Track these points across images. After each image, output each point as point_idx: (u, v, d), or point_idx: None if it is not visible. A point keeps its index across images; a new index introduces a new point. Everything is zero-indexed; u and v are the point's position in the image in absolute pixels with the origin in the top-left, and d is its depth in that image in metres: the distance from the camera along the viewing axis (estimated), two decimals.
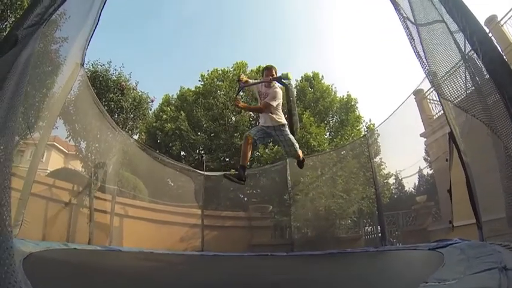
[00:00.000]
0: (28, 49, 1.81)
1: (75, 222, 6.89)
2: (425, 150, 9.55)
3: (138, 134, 13.49)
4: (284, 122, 4.60)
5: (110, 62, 10.06)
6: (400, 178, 9.83)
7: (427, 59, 2.42)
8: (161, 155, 10.84)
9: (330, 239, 9.23)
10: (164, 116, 16.17)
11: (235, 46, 38.53)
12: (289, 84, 4.50)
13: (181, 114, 15.86)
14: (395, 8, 2.86)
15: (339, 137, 15.60)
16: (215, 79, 17.06)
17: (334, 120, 16.96)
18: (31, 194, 4.85)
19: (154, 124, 16.24)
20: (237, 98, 5.06)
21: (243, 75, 5.52)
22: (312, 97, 16.30)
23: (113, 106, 9.52)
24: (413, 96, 7.63)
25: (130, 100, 9.93)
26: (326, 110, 16.47)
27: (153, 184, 9.99)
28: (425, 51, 2.48)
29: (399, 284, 2.67)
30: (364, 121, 16.81)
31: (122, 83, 9.83)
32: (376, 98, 32.78)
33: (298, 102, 16.25)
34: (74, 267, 3.79)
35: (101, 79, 9.54)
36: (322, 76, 17.05)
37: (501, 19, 7.89)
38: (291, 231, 9.79)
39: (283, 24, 39.89)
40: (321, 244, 8.71)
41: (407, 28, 2.65)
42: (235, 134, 15.61)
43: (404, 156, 8.47)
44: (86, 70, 7.56)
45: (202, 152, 15.76)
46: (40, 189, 6.18)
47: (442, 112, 7.37)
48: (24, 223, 4.57)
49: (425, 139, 9.34)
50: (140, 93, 10.50)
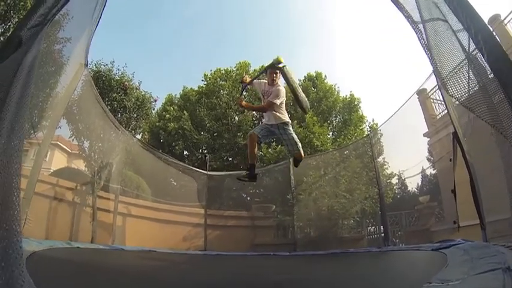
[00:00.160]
0: (33, 51, 1.82)
1: (78, 221, 6.93)
2: (428, 150, 9.51)
3: (141, 134, 13.46)
4: (287, 120, 4.59)
5: (113, 62, 10.06)
6: (403, 178, 9.79)
7: (434, 56, 2.40)
8: (164, 155, 10.85)
9: (333, 239, 9.22)
10: (167, 116, 16.18)
11: (238, 46, 38.47)
12: (283, 66, 4.46)
13: (184, 113, 15.85)
14: (398, 8, 2.84)
15: (342, 137, 15.57)
16: (218, 79, 17.05)
17: (337, 120, 16.89)
18: (34, 193, 4.87)
19: (157, 124, 16.25)
20: (241, 98, 5.07)
21: (247, 76, 5.51)
22: (315, 97, 16.24)
23: (116, 106, 9.51)
24: (416, 95, 7.60)
25: (133, 100, 9.92)
26: (329, 110, 16.40)
27: (156, 183, 10.01)
28: (432, 47, 2.45)
29: (402, 285, 2.66)
30: (367, 121, 16.78)
31: (125, 83, 9.83)
32: (379, 98, 32.68)
33: None
34: (77, 266, 3.81)
35: (104, 79, 9.53)
36: (325, 76, 16.99)
37: (504, 18, 7.85)
38: (294, 231, 9.77)
39: (286, 24, 39.80)
40: (324, 244, 8.70)
41: (414, 23, 2.63)
42: (238, 134, 15.60)
43: (407, 156, 8.44)
44: (89, 70, 7.57)
45: (205, 152, 15.74)
46: (43, 188, 6.22)
47: (446, 112, 7.35)
48: (27, 222, 4.59)
49: (428, 139, 9.31)
50: (143, 92, 10.48)
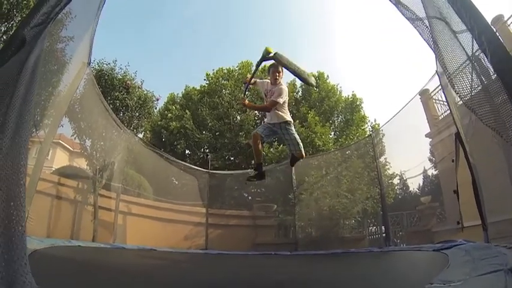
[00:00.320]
0: (36, 50, 1.82)
1: (79, 219, 6.95)
2: (430, 150, 9.50)
3: (143, 133, 13.47)
4: (290, 120, 4.59)
5: (116, 61, 10.08)
6: (405, 178, 9.78)
7: (441, 50, 2.37)
8: (166, 154, 10.86)
9: (334, 239, 9.20)
10: (169, 115, 16.20)
11: (240, 45, 38.49)
12: (275, 54, 4.41)
13: (186, 113, 15.87)
14: (398, 6, 2.81)
15: (344, 137, 15.58)
16: (220, 78, 17.08)
17: (339, 120, 16.88)
18: (36, 191, 4.88)
19: (159, 123, 16.27)
20: (244, 98, 5.06)
21: (249, 76, 5.50)
22: (317, 97, 16.24)
23: (118, 104, 9.53)
24: (418, 96, 7.57)
25: (135, 99, 9.94)
26: (331, 110, 16.40)
27: (158, 182, 10.03)
28: (438, 41, 2.43)
29: (404, 285, 2.65)
30: (369, 121, 16.81)
31: (127, 82, 9.84)
32: (381, 98, 32.56)
33: (303, 101, 16.24)
34: (78, 264, 3.82)
35: (107, 78, 9.55)
36: (327, 76, 16.96)
37: (508, 18, 7.81)
38: (295, 230, 9.76)
39: (288, 24, 39.79)
40: (325, 244, 8.68)
41: (417, 20, 2.60)
42: (240, 133, 15.61)
43: (409, 156, 8.43)
44: (92, 69, 7.58)
45: (207, 151, 15.78)
46: (45, 186, 6.23)
47: (448, 113, 7.34)
48: (28, 220, 4.60)
49: (430, 139, 9.29)
50: (145, 91, 10.50)
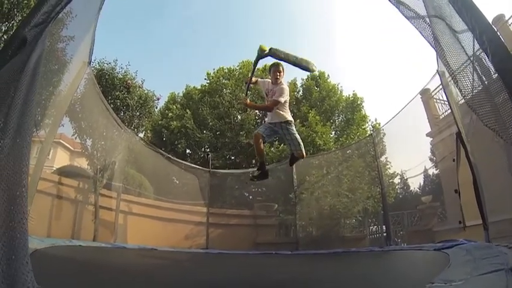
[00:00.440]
0: (37, 50, 1.82)
1: (80, 219, 6.94)
2: (431, 150, 9.50)
3: (144, 132, 13.49)
4: (290, 119, 4.57)
5: (116, 61, 10.09)
6: (406, 178, 9.77)
7: (444, 47, 2.36)
8: (166, 153, 10.86)
9: (335, 238, 9.19)
10: (170, 114, 16.21)
11: (240, 45, 38.44)
12: (270, 49, 4.38)
13: (187, 112, 15.88)
14: (397, 6, 2.80)
15: (345, 136, 15.59)
16: (221, 77, 17.07)
17: (340, 119, 16.88)
18: (37, 191, 4.88)
19: (160, 122, 16.28)
20: (245, 97, 5.06)
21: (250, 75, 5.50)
22: (318, 96, 16.23)
23: (119, 104, 9.54)
24: (419, 95, 7.56)
25: (136, 98, 9.95)
26: (332, 109, 16.39)
27: (159, 182, 10.03)
28: (440, 39, 2.42)
29: (405, 285, 2.65)
30: (369, 120, 16.80)
31: (128, 81, 9.85)
32: (382, 98, 32.55)
33: (304, 101, 16.23)
34: (79, 264, 3.82)
35: (107, 77, 9.56)
36: (328, 75, 16.94)
37: (509, 18, 7.79)
38: (296, 229, 9.77)
39: (289, 23, 39.73)
40: (326, 243, 8.69)
41: (418, 18, 2.59)
42: (241, 133, 15.61)
43: (410, 155, 8.41)
44: (92, 68, 7.58)
45: (207, 150, 15.77)
46: (46, 186, 6.23)
47: (449, 112, 7.32)
48: (29, 219, 4.60)
49: (431, 139, 9.28)
50: (146, 91, 10.51)
